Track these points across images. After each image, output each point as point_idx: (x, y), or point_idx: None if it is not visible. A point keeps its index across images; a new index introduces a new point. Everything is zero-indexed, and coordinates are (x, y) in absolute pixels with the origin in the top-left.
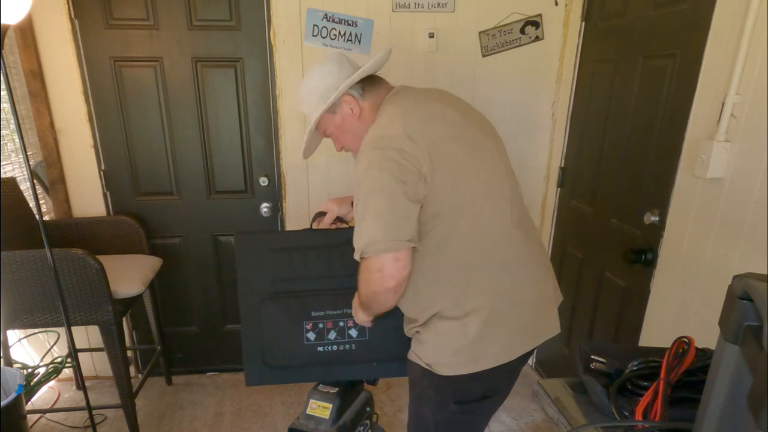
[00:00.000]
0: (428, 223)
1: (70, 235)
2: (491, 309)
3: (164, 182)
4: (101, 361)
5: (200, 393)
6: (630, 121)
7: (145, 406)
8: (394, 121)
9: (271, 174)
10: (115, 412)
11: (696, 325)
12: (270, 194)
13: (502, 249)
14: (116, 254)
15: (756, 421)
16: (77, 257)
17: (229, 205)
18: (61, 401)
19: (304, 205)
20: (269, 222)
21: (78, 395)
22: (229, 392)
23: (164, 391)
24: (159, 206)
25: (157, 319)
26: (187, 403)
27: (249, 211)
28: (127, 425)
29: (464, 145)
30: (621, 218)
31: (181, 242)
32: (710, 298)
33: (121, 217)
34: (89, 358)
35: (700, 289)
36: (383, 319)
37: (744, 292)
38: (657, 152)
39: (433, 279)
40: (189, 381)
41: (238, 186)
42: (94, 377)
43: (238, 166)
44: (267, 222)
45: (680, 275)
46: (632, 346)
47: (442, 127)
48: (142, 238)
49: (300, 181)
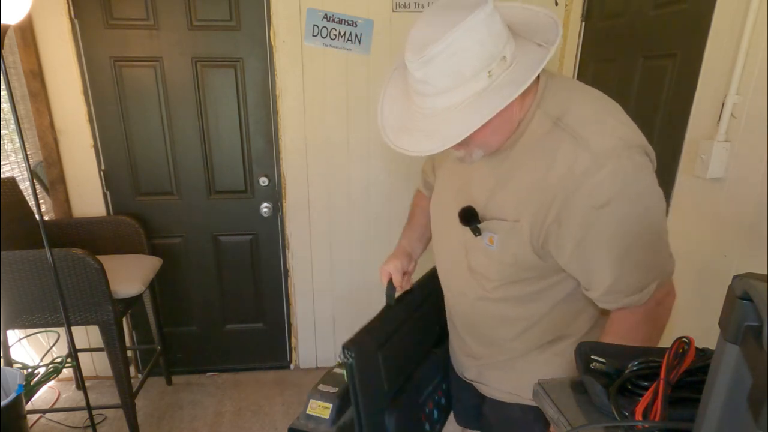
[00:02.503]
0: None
1: (70, 235)
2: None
3: (164, 182)
4: (101, 361)
5: (200, 393)
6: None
7: (144, 405)
8: (619, 117)
9: (271, 174)
10: (115, 412)
11: (696, 325)
12: (270, 194)
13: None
14: (116, 254)
15: (756, 421)
16: (77, 257)
17: (229, 205)
18: (61, 401)
19: (303, 205)
20: (270, 222)
21: (78, 395)
22: (229, 392)
23: (164, 390)
24: (159, 206)
25: (157, 319)
26: (187, 403)
27: (249, 211)
28: (127, 425)
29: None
30: None
31: (181, 242)
32: (710, 298)
33: (121, 216)
34: (89, 358)
35: (700, 289)
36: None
37: (744, 292)
38: (657, 152)
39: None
40: (189, 381)
41: (238, 186)
42: (94, 377)
43: (238, 166)
44: (268, 222)
45: (680, 275)
46: (632, 346)
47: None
48: (142, 238)
49: (300, 180)
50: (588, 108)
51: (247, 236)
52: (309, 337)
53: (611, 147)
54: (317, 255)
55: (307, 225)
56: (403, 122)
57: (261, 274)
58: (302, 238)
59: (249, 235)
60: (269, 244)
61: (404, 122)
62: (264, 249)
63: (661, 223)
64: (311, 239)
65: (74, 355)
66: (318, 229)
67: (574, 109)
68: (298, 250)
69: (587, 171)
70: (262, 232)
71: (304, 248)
